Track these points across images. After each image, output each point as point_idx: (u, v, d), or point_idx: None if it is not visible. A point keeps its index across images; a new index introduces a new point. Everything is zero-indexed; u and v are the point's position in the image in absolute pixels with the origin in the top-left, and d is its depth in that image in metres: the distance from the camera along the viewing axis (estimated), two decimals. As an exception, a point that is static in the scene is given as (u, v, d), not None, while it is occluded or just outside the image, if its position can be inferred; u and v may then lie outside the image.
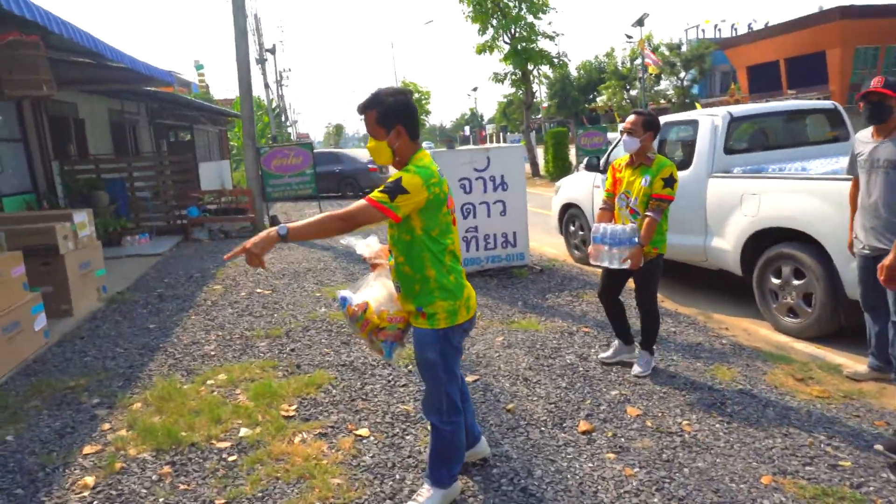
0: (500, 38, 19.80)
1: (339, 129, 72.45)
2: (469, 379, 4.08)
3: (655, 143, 4.66)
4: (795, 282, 4.84)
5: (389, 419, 3.65)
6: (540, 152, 24.69)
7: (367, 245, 2.88)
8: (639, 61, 43.34)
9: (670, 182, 3.85)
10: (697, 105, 40.12)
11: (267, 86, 27.07)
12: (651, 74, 39.06)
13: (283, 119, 43.04)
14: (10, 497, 2.98)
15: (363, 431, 3.49)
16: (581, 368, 4.24)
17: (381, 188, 2.36)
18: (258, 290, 6.93)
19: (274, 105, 35.03)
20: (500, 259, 7.27)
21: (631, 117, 3.98)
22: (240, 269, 8.18)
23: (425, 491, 2.70)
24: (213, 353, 4.93)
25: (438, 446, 2.66)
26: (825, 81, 24.86)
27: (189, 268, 8.49)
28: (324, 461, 3.15)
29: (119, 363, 4.77)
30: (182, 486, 3.00)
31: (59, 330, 5.67)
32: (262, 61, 26.45)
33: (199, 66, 31.23)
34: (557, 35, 19.46)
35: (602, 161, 7.06)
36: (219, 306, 6.34)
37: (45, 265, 6.06)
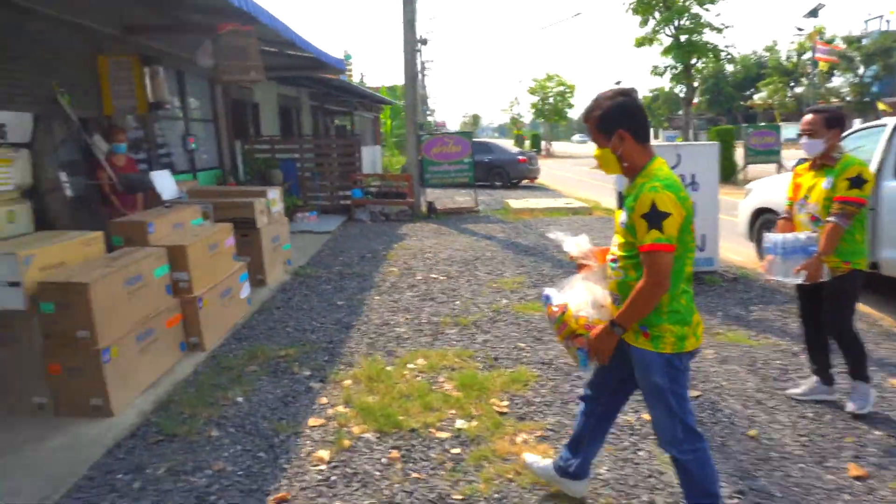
0: (662, 31, 18.66)
1: (475, 119, 73.05)
2: (692, 394, 3.71)
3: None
4: None
5: (613, 430, 3.38)
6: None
7: (577, 244, 2.63)
8: (807, 56, 39.35)
9: (858, 182, 3.27)
10: (880, 105, 35.70)
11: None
12: (822, 71, 35.32)
13: (421, 108, 44.01)
14: (255, 459, 3.08)
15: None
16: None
17: (644, 226, 2.12)
18: (432, 276, 6.94)
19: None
20: (685, 263, 6.72)
21: (808, 117, 3.43)
22: (409, 252, 8.29)
23: None
24: (406, 336, 4.94)
25: (687, 482, 2.33)
26: None
27: (359, 247, 8.75)
28: (556, 468, 2.95)
29: (319, 337, 4.91)
30: (414, 475, 2.94)
31: (257, 298, 6.00)
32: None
33: (347, 57, 32.80)
34: (726, 27, 17.97)
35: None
36: (398, 288, 6.41)
37: (244, 237, 6.45)
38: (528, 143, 42.36)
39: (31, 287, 3.38)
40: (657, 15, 18.27)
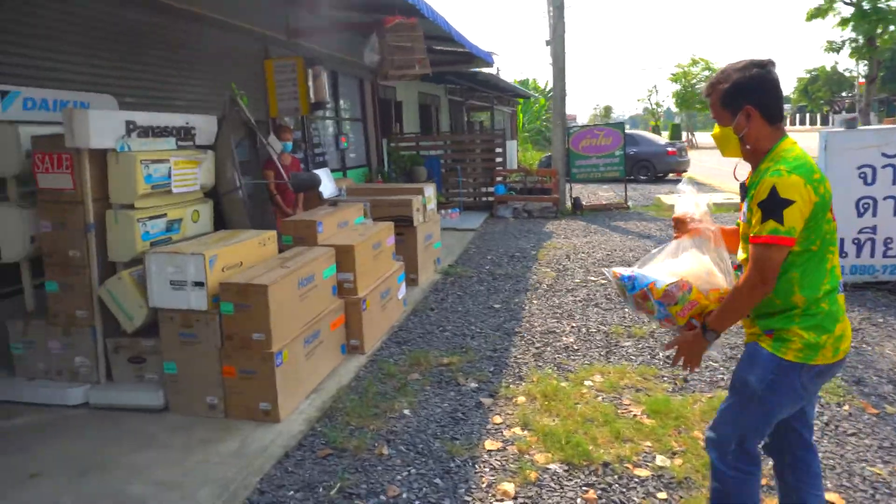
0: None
1: (607, 111, 70.29)
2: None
3: None
4: None
5: (860, 483, 2.71)
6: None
7: (697, 203, 2.18)
8: None
9: None
10: None
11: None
12: None
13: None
14: (432, 486, 2.81)
15: (832, 497, 2.62)
16: None
17: (759, 215, 1.80)
18: (591, 279, 6.42)
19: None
20: (885, 269, 5.63)
21: None
22: (560, 252, 7.81)
23: None
24: (575, 346, 4.49)
25: (718, 496, 2.03)
26: None
27: (506, 246, 8.40)
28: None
29: (480, 344, 4.61)
30: (617, 523, 2.50)
31: (410, 299, 5.84)
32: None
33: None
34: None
35: None
36: (556, 291, 5.97)
37: (399, 235, 6.32)
38: (665, 134, 39.68)
39: (213, 287, 3.37)
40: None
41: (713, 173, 18.73)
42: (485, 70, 11.20)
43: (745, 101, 1.90)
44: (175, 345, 3.46)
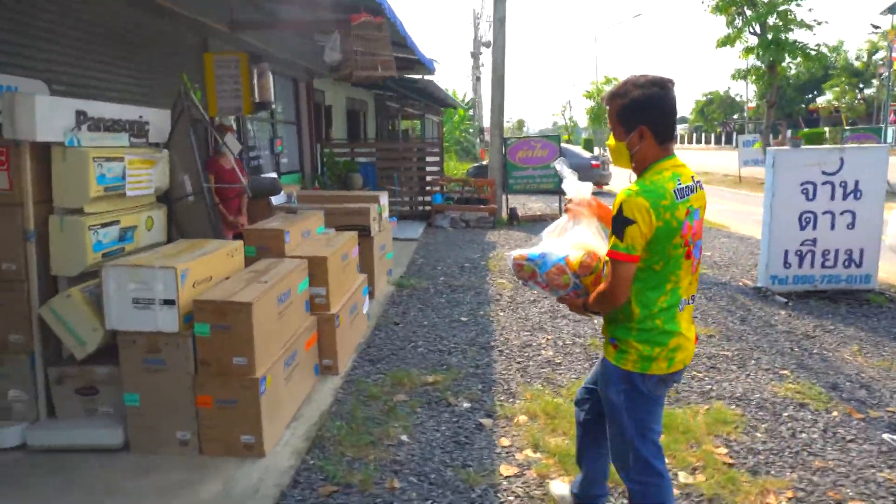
0: (747, 30, 17.72)
1: (520, 124, 72.26)
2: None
3: None
4: None
5: (876, 489, 2.74)
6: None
7: (578, 189, 2.29)
8: (880, 55, 37.38)
9: None
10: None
11: (478, 79, 27.20)
12: (896, 70, 33.42)
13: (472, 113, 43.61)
14: (457, 523, 2.55)
15: (858, 506, 2.62)
16: None
17: (611, 230, 1.94)
18: (550, 290, 6.36)
19: (468, 99, 35.50)
20: (838, 279, 5.99)
21: None
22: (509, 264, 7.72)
23: None
24: (557, 360, 4.37)
25: None
26: None
27: (454, 256, 8.22)
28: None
29: (460, 360, 4.38)
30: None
31: (371, 312, 5.52)
32: (476, 55, 26.59)
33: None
34: (819, 24, 16.90)
35: None
36: (519, 303, 5.85)
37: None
38: (578, 148, 41.20)
39: (185, 306, 2.94)
40: (746, 13, 17.32)
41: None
42: (427, 77, 11.01)
43: (640, 120, 1.94)
44: (138, 372, 2.98)
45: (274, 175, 5.96)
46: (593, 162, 16.73)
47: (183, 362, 2.96)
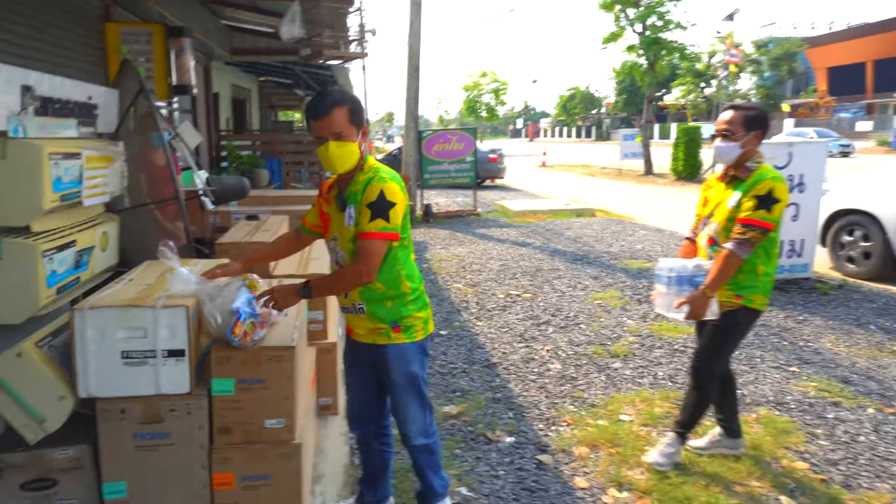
0: (631, 28, 18.73)
1: (389, 116, 71.66)
2: None
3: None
4: None
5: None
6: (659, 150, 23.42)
7: (191, 277, 2.21)
8: (718, 58, 41.62)
9: (767, 202, 2.58)
10: (784, 106, 38.40)
11: (364, 68, 26.17)
12: (732, 72, 37.44)
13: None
14: None
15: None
16: None
17: (368, 214, 2.07)
18: (514, 293, 6.01)
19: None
20: (782, 269, 6.25)
21: (725, 115, 2.76)
22: (452, 265, 7.28)
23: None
24: (572, 375, 4.02)
25: (430, 462, 2.39)
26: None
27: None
28: None
29: (473, 384, 3.89)
30: None
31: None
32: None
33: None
34: (692, 25, 18.23)
35: None
36: (490, 310, 5.44)
37: (302, 252, 5.22)
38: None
39: (195, 357, 2.16)
40: (630, 13, 18.25)
41: (517, 179, 19.89)
42: (333, 63, 10.15)
43: (363, 120, 2.15)
44: (128, 453, 2.15)
45: (240, 175, 4.98)
46: (491, 156, 16.73)
47: (196, 433, 2.19)
